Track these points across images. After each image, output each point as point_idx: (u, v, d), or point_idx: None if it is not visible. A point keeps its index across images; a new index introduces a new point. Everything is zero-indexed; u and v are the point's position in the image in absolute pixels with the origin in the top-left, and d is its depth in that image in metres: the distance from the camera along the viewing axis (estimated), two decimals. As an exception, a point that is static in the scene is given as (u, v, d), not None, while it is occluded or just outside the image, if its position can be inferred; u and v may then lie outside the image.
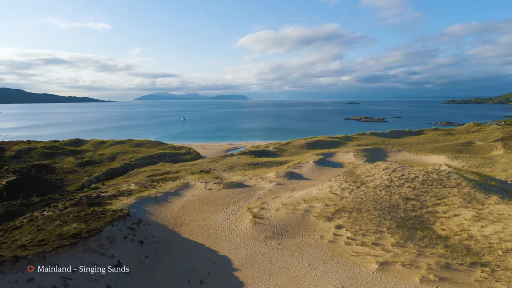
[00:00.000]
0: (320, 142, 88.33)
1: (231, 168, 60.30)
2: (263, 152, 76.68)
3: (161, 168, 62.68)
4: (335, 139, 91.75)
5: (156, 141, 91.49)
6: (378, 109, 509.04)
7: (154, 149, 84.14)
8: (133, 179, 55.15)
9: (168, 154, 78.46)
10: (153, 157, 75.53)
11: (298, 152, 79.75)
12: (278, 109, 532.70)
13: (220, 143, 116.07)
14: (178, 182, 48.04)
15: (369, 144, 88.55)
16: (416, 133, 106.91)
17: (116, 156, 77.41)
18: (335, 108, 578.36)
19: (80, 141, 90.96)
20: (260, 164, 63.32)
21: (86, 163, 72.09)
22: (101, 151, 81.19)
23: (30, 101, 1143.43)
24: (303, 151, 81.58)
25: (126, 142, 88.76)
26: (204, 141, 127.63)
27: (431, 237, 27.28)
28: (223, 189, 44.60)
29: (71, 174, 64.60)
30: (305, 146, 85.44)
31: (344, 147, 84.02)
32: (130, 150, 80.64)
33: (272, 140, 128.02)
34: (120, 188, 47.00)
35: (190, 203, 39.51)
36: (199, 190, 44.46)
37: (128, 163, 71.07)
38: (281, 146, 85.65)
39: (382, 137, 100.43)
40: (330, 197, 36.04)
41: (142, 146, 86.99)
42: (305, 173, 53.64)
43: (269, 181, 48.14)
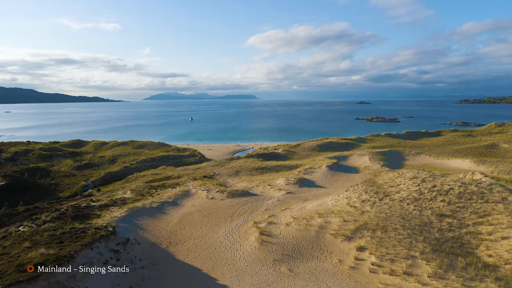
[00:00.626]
0: (332, 144, 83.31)
1: (237, 173, 55.79)
2: (271, 155, 72.03)
3: (162, 173, 58.48)
4: (348, 141, 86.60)
5: (159, 142, 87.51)
6: (389, 108, 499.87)
7: (157, 151, 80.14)
8: (131, 185, 51.03)
9: (171, 156, 74.33)
10: (155, 159, 71.49)
11: (309, 155, 74.89)
12: (287, 108, 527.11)
13: (227, 145, 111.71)
14: (178, 189, 43.68)
15: (384, 146, 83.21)
16: (433, 134, 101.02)
17: (117, 158, 73.58)
18: (345, 108, 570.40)
19: (81, 142, 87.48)
20: (268, 168, 58.68)
21: (85, 166, 68.32)
22: (102, 153, 77.46)
23: (42, 101, 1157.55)
24: (314, 153, 76.71)
25: (128, 144, 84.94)
26: (211, 142, 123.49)
27: (476, 266, 22.29)
28: (227, 198, 40.10)
29: (67, 178, 60.83)
30: (316, 148, 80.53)
31: (358, 150, 78.88)
32: (132, 152, 76.74)
33: (281, 141, 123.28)
34: (115, 196, 42.87)
35: (189, 215, 35.06)
36: (200, 200, 40.01)
37: (128, 166, 67.12)
38: (291, 148, 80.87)
39: (397, 138, 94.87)
40: (348, 210, 31.23)
41: (145, 147, 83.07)
42: (317, 179, 48.82)
43: (278, 189, 43.47)
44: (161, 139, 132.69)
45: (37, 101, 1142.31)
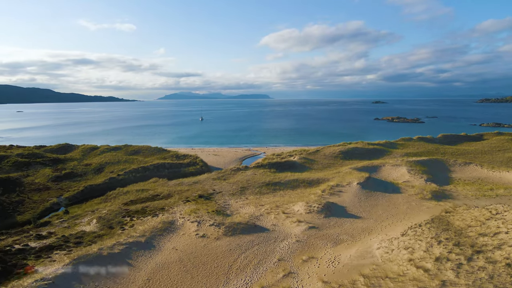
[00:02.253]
0: (358, 151, 70.60)
1: (243, 191, 43.92)
2: (286, 164, 59.91)
3: (151, 188, 47.08)
4: (376, 147, 73.70)
5: (156, 147, 76.26)
6: (406, 108, 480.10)
7: (152, 158, 69.04)
8: (106, 205, 39.83)
9: (168, 165, 63.02)
10: (148, 169, 60.30)
11: (331, 164, 62.46)
12: (301, 108, 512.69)
13: (236, 149, 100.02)
14: (160, 219, 32.12)
15: (420, 153, 70.05)
16: (475, 138, 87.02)
17: (104, 167, 62.74)
18: (361, 107, 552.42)
19: (69, 146, 77.17)
20: (283, 184, 46.61)
21: (65, 176, 57.64)
22: (89, 160, 66.79)
23: (59, 101, 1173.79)
24: (337, 162, 64.22)
25: (121, 149, 74.09)
26: (218, 145, 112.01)
27: None
28: (224, 236, 28.30)
29: (38, 192, 50.11)
30: (339, 155, 68.00)
31: (390, 158, 66.04)
32: (123, 159, 65.78)
33: (296, 144, 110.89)
34: (74, 227, 31.67)
35: (164, 270, 23.37)
36: (186, 238, 28.30)
37: (114, 177, 56.10)
38: (309, 155, 68.55)
39: (433, 143, 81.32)
40: (415, 275, 18.99)
41: (139, 153, 72.06)
42: (349, 204, 36.52)
43: (297, 220, 31.37)
44: (166, 141, 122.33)
45: (54, 100, 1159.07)
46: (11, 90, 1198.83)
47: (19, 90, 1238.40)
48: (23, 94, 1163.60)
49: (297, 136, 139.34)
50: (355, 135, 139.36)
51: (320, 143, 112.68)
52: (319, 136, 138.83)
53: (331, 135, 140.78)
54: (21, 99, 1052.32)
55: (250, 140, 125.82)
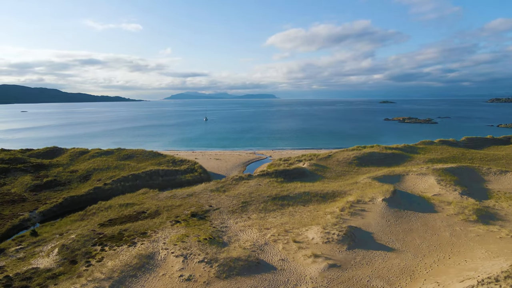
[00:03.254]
0: (375, 156, 63.20)
1: (245, 207, 36.87)
2: (295, 172, 52.74)
3: (137, 202, 40.28)
4: (395, 151, 66.21)
5: (151, 151, 69.48)
6: (415, 108, 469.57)
7: (146, 163, 62.32)
8: (80, 225, 33.15)
9: (162, 172, 56.23)
10: (139, 177, 53.55)
11: (345, 172, 55.18)
12: (307, 108, 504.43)
13: (239, 152, 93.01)
14: (136, 251, 25.25)
15: (445, 158, 62.46)
16: (502, 141, 79.09)
17: (91, 174, 56.16)
18: (368, 107, 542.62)
19: (57, 150, 70.77)
20: (292, 198, 39.49)
21: (46, 185, 51.15)
22: (76, 166, 60.27)
23: (65, 101, 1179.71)
24: (353, 169, 56.91)
25: (113, 153, 67.46)
26: (221, 147, 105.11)
27: None
28: (216, 278, 21.31)
29: (11, 205, 43.62)
30: (355, 161, 60.67)
31: (412, 165, 58.58)
32: (113, 165, 59.14)
33: (304, 147, 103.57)
34: (29, 260, 24.94)
35: None
36: (166, 282, 21.34)
37: (100, 187, 49.44)
38: (320, 161, 61.34)
39: (457, 147, 73.57)
40: None
41: (133, 158, 65.37)
42: (376, 228, 29.30)
43: (312, 254, 24.26)
44: (166, 143, 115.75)
45: (61, 100, 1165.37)
46: (19, 90, 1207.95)
47: (27, 90, 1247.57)
48: (31, 94, 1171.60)
49: (304, 137, 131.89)
50: (367, 137, 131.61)
51: (330, 146, 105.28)
52: (328, 137, 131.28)
53: (341, 137, 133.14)
54: (29, 99, 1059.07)
55: (255, 142, 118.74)
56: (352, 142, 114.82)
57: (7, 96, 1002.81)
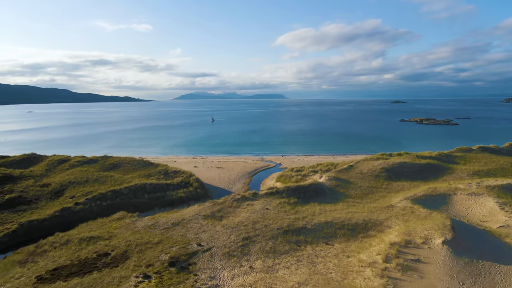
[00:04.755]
0: (406, 167, 52.51)
1: (246, 247, 26.82)
2: (311, 189, 42.49)
3: (103, 235, 30.55)
4: (430, 161, 55.36)
5: (142, 160, 59.76)
6: (430, 108, 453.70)
7: (132, 175, 52.73)
8: (17, 273, 23.52)
9: (150, 187, 46.53)
10: (120, 194, 43.96)
11: (373, 189, 44.70)
12: (318, 108, 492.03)
13: (245, 158, 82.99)
14: None
15: (493, 170, 51.43)
16: (553, 148, 67.46)
17: (66, 188, 46.83)
18: (380, 107, 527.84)
19: (34, 158, 61.66)
20: (310, 231, 29.35)
21: (7, 203, 41.97)
22: (50, 178, 51.01)
23: (76, 101, 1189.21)
24: (381, 185, 46.36)
25: (97, 161, 58.05)
26: (226, 152, 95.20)
27: None
28: None
29: (-49, 234, 34.28)
30: (382, 174, 50.10)
31: (454, 179, 47.79)
32: (93, 177, 49.68)
33: (318, 152, 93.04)
34: None
35: None
36: None
37: (70, 208, 40.01)
38: (340, 173, 50.91)
39: (501, 155, 62.36)
40: None
41: (119, 168, 55.84)
42: (446, 299, 18.96)
43: None
44: (165, 147, 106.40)
45: (72, 101, 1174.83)
46: (31, 90, 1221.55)
47: (38, 90, 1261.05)
48: (42, 95, 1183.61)
49: (317, 141, 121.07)
50: (386, 140, 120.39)
51: (346, 151, 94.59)
52: (343, 141, 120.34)
53: (357, 140, 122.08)
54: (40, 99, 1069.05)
55: (264, 146, 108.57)
56: (371, 146, 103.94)
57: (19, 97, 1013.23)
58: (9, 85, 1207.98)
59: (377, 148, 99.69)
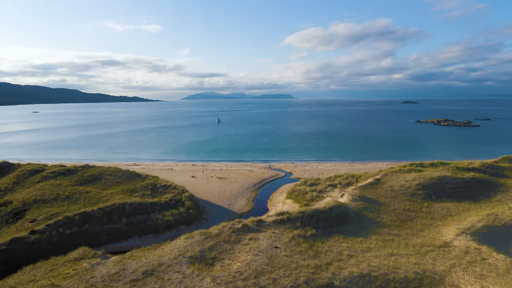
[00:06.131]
0: (448, 183, 42.63)
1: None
2: (332, 214, 32.97)
3: (46, 292, 21.47)
4: (475, 175, 45.30)
5: (128, 171, 50.71)
6: (442, 108, 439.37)
7: (114, 190, 43.77)
8: None
9: (130, 208, 37.50)
10: (92, 218, 34.98)
11: (412, 214, 34.99)
12: (327, 109, 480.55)
13: (251, 166, 73.68)
14: None
15: (555, 188, 41.30)
16: None
17: (29, 208, 38.11)
18: (391, 107, 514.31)
19: (5, 167, 52.94)
20: (341, 295, 19.95)
21: (-51, 230, 33.16)
22: (14, 194, 42.37)
23: (85, 101, 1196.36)
24: (421, 208, 36.61)
25: (75, 172, 49.26)
26: (230, 158, 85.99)
27: None
28: None
29: None
30: (418, 191, 40.32)
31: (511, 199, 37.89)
32: (66, 193, 40.89)
33: (332, 158, 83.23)
34: None
35: None
36: None
37: (23, 238, 31.12)
38: (366, 190, 41.32)
39: (556, 166, 52.01)
40: None
41: (99, 181, 46.89)
42: None
43: None
44: (163, 152, 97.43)
45: (81, 101, 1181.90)
46: (41, 91, 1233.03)
47: (48, 91, 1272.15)
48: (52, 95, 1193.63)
49: (330, 145, 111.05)
50: (406, 143, 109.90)
51: (365, 157, 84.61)
52: (359, 144, 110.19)
53: (375, 143, 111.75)
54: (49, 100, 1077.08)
55: (272, 150, 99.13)
56: (391, 151, 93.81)
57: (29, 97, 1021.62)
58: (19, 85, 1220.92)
59: (398, 153, 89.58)
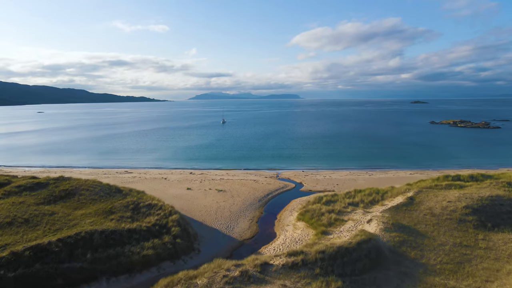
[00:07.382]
0: (504, 205, 33.85)
1: None
2: (362, 254, 24.57)
3: None
4: (532, 193, 36.50)
5: (107, 185, 42.76)
6: (454, 109, 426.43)
7: (87, 209, 35.88)
8: None
9: (100, 238, 29.44)
10: (47, 253, 26.95)
11: (466, 251, 26.31)
12: (335, 109, 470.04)
13: (256, 174, 65.34)
14: None
15: None
16: None
17: (-25, 237, 30.11)
18: (400, 107, 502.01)
19: (-32, 179, 45.48)
20: None
21: None
22: (-35, 216, 34.53)
23: (92, 101, 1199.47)
24: (475, 241, 28.01)
25: (47, 186, 41.46)
26: (233, 165, 77.70)
27: None
28: None
29: None
30: (468, 217, 31.67)
31: None
32: (25, 215, 33.14)
33: (347, 166, 74.34)
34: None
35: None
36: None
37: None
38: (398, 214, 32.80)
39: None
40: None
41: (72, 198, 39.06)
42: None
43: None
44: (161, 157, 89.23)
45: (88, 101, 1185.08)
46: (48, 91, 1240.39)
47: (55, 91, 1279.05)
48: (60, 95, 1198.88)
49: (343, 149, 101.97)
50: (425, 146, 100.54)
51: (383, 163, 75.61)
52: (374, 148, 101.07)
53: (391, 147, 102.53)
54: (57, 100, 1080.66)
55: (279, 156, 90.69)
56: (412, 157, 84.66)
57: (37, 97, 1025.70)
58: (28, 85, 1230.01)
59: (420, 159, 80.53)
